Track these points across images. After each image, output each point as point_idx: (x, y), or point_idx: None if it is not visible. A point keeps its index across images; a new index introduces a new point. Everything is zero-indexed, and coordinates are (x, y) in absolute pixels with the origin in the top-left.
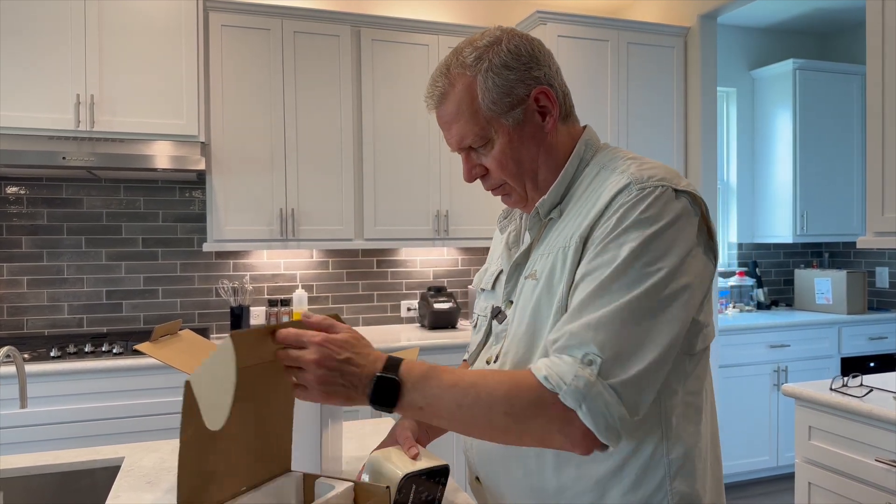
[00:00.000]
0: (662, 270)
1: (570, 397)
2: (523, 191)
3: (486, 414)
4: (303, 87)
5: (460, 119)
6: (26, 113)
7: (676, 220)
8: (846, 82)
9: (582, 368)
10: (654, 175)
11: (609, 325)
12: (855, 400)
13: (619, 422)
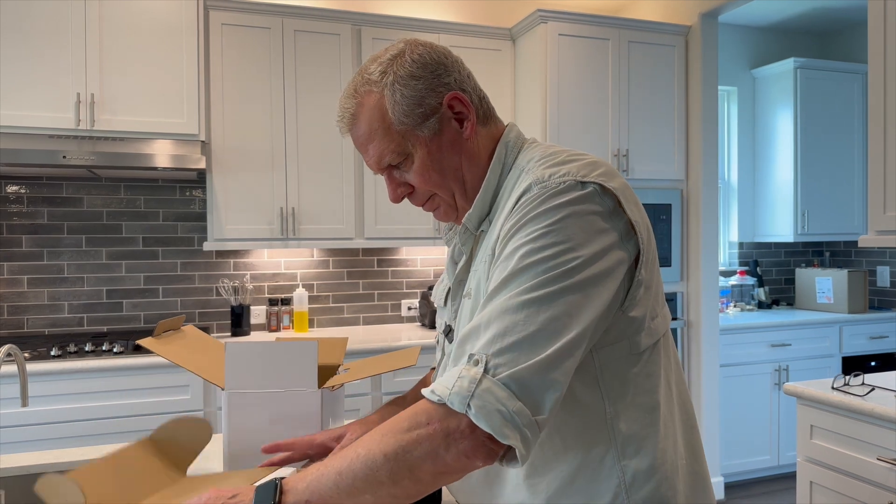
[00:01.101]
0: (555, 261)
1: (455, 400)
2: (452, 200)
3: (367, 467)
4: (303, 86)
5: (374, 138)
6: (27, 112)
7: (573, 213)
8: (847, 81)
9: (467, 370)
10: (556, 172)
11: (496, 323)
12: (857, 399)
13: (519, 418)
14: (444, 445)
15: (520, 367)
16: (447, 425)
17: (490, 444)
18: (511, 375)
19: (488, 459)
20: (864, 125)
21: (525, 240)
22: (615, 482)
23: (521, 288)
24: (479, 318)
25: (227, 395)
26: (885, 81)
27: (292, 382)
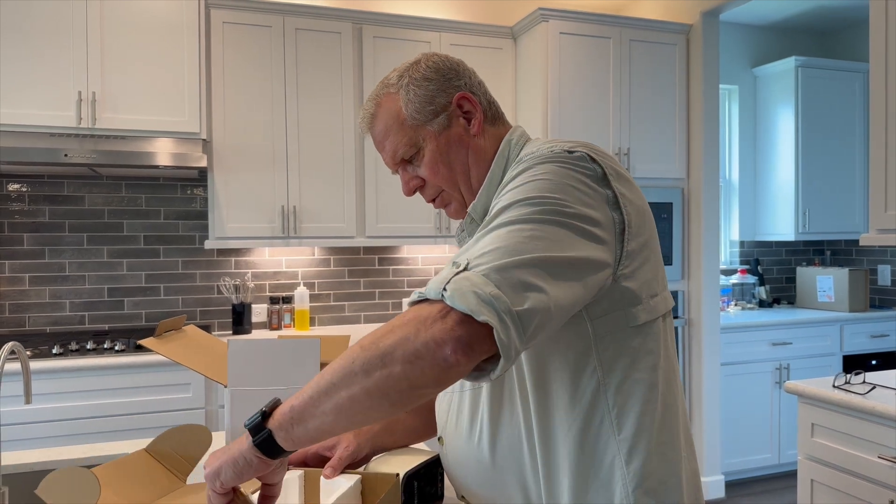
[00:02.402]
0: (543, 200)
1: (432, 289)
2: (459, 195)
3: (343, 361)
4: (304, 84)
5: (390, 133)
6: (28, 110)
7: (561, 169)
8: (848, 80)
9: (450, 272)
10: (552, 147)
11: (481, 242)
12: (857, 397)
13: (497, 302)
14: (415, 332)
15: (497, 263)
16: (420, 312)
17: (462, 329)
18: (490, 267)
19: (459, 349)
20: (866, 124)
21: (513, 188)
22: (612, 453)
23: (505, 219)
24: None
25: (229, 393)
26: (887, 80)
27: (295, 380)
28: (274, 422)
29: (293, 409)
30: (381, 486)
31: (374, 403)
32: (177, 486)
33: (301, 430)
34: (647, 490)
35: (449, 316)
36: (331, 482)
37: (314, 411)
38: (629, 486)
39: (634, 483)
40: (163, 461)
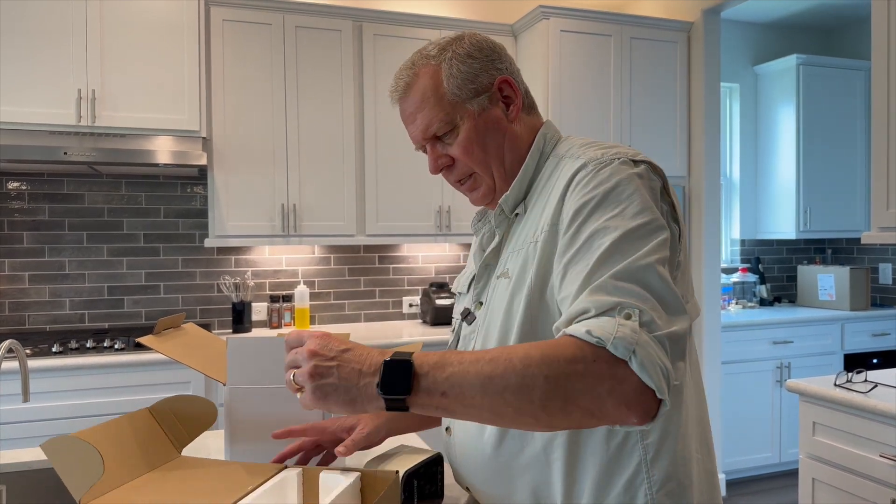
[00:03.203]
0: (653, 228)
1: (620, 345)
2: (491, 180)
3: (523, 381)
4: (304, 82)
5: (425, 106)
6: (27, 108)
7: (644, 184)
8: (850, 78)
9: (623, 320)
10: (607, 152)
11: (625, 286)
12: (859, 395)
13: (669, 376)
14: (608, 389)
15: (671, 329)
16: (614, 370)
17: (646, 399)
18: (666, 335)
19: (643, 415)
20: (867, 122)
21: (614, 213)
22: (637, 459)
23: (636, 254)
24: (598, 280)
25: (228, 391)
26: (889, 77)
27: None
28: (422, 387)
29: (449, 384)
30: (380, 484)
31: (530, 425)
32: (171, 457)
33: (438, 404)
34: (668, 492)
35: (633, 380)
36: (329, 480)
37: (466, 399)
38: (653, 489)
39: (657, 486)
40: (163, 425)
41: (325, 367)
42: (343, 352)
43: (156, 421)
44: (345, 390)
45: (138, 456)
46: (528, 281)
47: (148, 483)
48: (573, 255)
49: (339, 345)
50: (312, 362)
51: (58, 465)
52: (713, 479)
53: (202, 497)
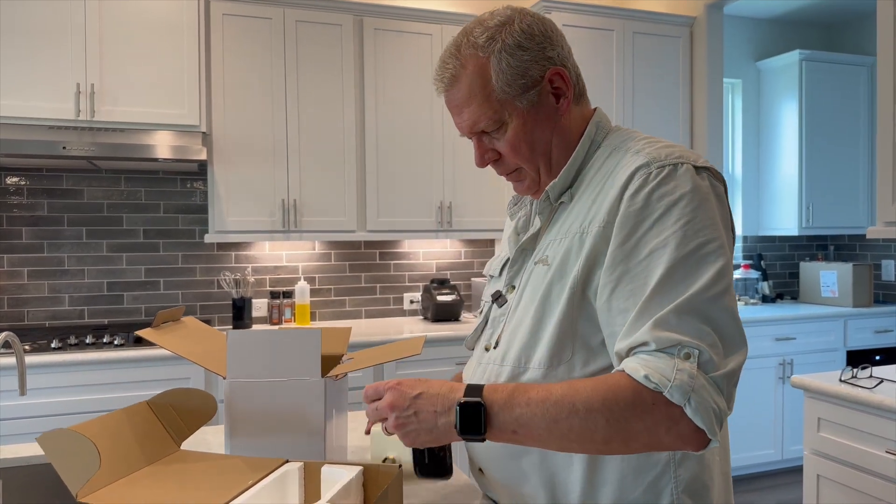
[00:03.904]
0: (715, 252)
1: (676, 392)
2: (536, 175)
3: (586, 425)
4: (305, 77)
5: (472, 102)
6: (26, 102)
7: (709, 197)
8: (853, 73)
9: (681, 362)
10: (671, 153)
11: (688, 321)
12: (865, 391)
13: (722, 415)
14: (666, 428)
15: (728, 368)
16: (670, 413)
17: (699, 436)
18: (722, 375)
19: (698, 447)
20: (870, 118)
21: (678, 228)
22: (665, 458)
23: (700, 284)
24: (658, 310)
25: (228, 384)
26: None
27: (295, 371)
28: (494, 425)
29: (518, 424)
30: (383, 478)
31: (594, 452)
32: (170, 451)
33: (510, 439)
34: (691, 493)
35: (687, 421)
36: (331, 474)
37: (534, 438)
38: (678, 489)
39: (682, 486)
40: (162, 418)
41: (405, 416)
42: (416, 398)
43: (154, 414)
44: (427, 431)
45: (136, 450)
46: (574, 273)
47: (146, 477)
48: (629, 270)
49: (412, 390)
50: (394, 415)
51: (54, 459)
52: (728, 480)
53: (202, 491)
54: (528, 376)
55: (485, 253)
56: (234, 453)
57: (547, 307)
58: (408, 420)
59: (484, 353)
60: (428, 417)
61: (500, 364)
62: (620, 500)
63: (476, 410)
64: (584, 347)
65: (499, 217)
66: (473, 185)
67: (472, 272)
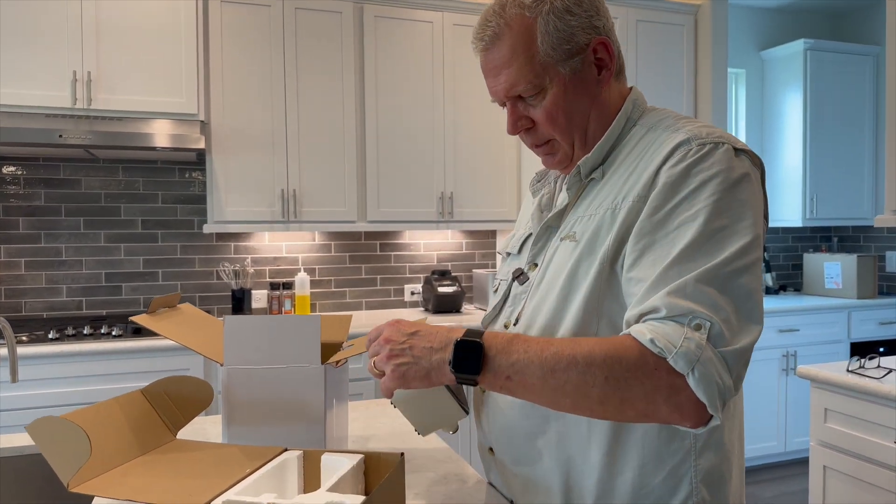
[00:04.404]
0: (744, 231)
1: (681, 360)
2: (570, 148)
3: (583, 379)
4: (304, 65)
5: (513, 63)
6: (22, 90)
7: (745, 178)
8: (858, 63)
9: (691, 332)
10: (712, 133)
11: (704, 291)
12: (873, 381)
13: (727, 393)
14: (664, 396)
15: (739, 345)
16: (672, 380)
17: (699, 410)
18: (732, 352)
19: (695, 424)
20: (875, 108)
21: (710, 203)
22: (687, 445)
23: (723, 257)
24: (676, 279)
25: (225, 371)
26: None
27: (294, 358)
28: (489, 368)
29: (514, 370)
30: (384, 466)
31: (584, 413)
32: (166, 440)
33: (503, 385)
34: (709, 483)
35: (689, 392)
36: (332, 462)
37: (528, 386)
38: (697, 478)
39: (701, 476)
40: (156, 407)
41: (399, 349)
42: (412, 335)
43: (149, 403)
44: (418, 367)
45: (130, 439)
46: (604, 249)
47: (141, 466)
48: (655, 241)
49: (409, 328)
50: (387, 347)
51: (44, 448)
52: (742, 474)
53: (198, 480)
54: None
55: (486, 244)
56: (232, 442)
57: (574, 283)
58: (401, 352)
59: (503, 331)
60: (422, 353)
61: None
62: (640, 486)
63: (473, 349)
64: (608, 325)
65: (501, 208)
66: (475, 175)
67: (474, 263)
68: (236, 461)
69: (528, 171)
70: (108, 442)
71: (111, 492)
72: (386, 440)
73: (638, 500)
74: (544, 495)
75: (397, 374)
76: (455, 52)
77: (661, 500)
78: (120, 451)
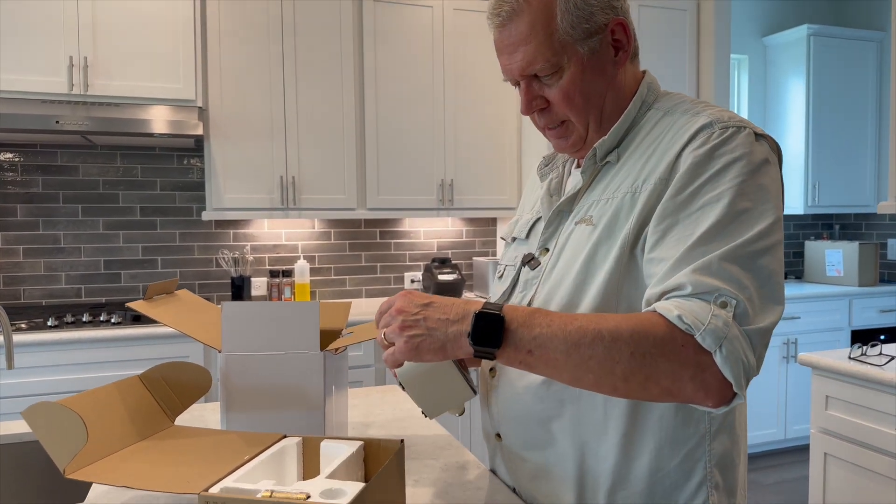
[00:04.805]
0: (766, 214)
1: (708, 337)
2: (584, 130)
3: (609, 354)
4: (303, 51)
5: (531, 41)
6: (17, 76)
7: (766, 163)
8: (862, 49)
9: (717, 309)
10: (733, 117)
11: (729, 269)
12: (875, 368)
13: (751, 371)
14: (690, 374)
15: (764, 324)
16: (699, 358)
17: (724, 389)
18: (757, 331)
19: (718, 403)
20: (879, 94)
21: (734, 185)
22: (702, 429)
23: (747, 236)
24: (700, 257)
25: (224, 358)
26: None
27: (293, 344)
28: (510, 342)
29: (536, 343)
30: (384, 453)
31: (606, 392)
32: (164, 426)
33: (523, 360)
34: (722, 468)
35: (715, 370)
36: (331, 449)
37: (550, 361)
38: (711, 462)
39: (715, 460)
40: (154, 393)
41: (412, 320)
42: (426, 306)
43: (146, 389)
44: (433, 338)
45: (128, 425)
46: (624, 233)
47: (138, 452)
48: (679, 220)
49: (422, 299)
50: (400, 318)
51: (40, 434)
52: (746, 459)
53: (196, 466)
54: None
55: (487, 232)
56: (231, 429)
57: (591, 268)
58: (415, 323)
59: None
60: (437, 325)
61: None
62: (656, 469)
63: (494, 322)
64: (629, 310)
65: (501, 195)
66: (475, 162)
67: (474, 251)
68: (235, 447)
69: (530, 158)
70: (105, 428)
71: (108, 478)
72: (386, 427)
73: (653, 484)
74: (557, 481)
75: (410, 346)
76: (455, 38)
77: (677, 484)
78: (117, 437)
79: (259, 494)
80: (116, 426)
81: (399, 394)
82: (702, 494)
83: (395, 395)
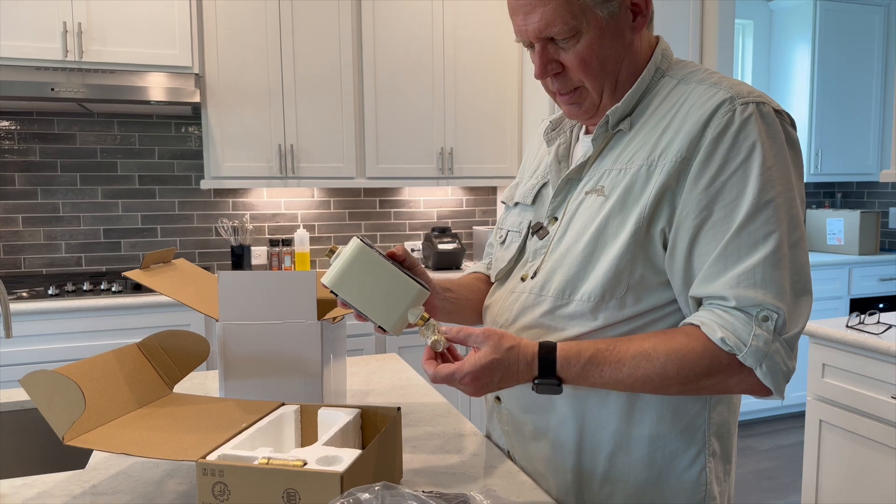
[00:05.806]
0: (793, 200)
1: (750, 357)
2: (598, 97)
3: (659, 389)
4: (300, 15)
5: (551, 2)
6: (10, 42)
7: (788, 141)
8: (868, 15)
9: (759, 326)
10: (751, 91)
11: (772, 276)
12: (872, 337)
13: (790, 374)
14: (736, 381)
15: (799, 328)
16: (742, 371)
17: (765, 390)
18: (793, 336)
19: (762, 396)
20: (885, 62)
21: (760, 175)
22: (703, 398)
23: (780, 236)
24: (739, 263)
25: (221, 326)
26: None
27: (291, 314)
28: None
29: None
30: (381, 420)
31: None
32: (162, 394)
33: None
34: (719, 436)
35: (756, 380)
36: (328, 416)
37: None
38: (710, 431)
39: (713, 429)
40: (152, 360)
41: (487, 382)
42: (498, 384)
43: (145, 356)
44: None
45: (126, 392)
46: (640, 208)
47: (137, 419)
48: (712, 213)
49: (492, 378)
50: (476, 385)
51: (38, 402)
52: (736, 430)
53: (194, 434)
54: (572, 309)
55: (487, 201)
56: (229, 395)
57: (602, 240)
58: (488, 385)
59: (519, 283)
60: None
61: (537, 294)
62: (656, 436)
63: (552, 387)
64: (639, 285)
65: (502, 164)
66: (475, 130)
67: (474, 220)
68: (233, 415)
69: (530, 127)
70: (103, 395)
71: (107, 445)
72: (384, 395)
73: (654, 451)
74: (557, 444)
75: (477, 394)
76: (455, 3)
77: (677, 451)
78: (116, 404)
79: (256, 461)
80: (115, 394)
81: (399, 362)
82: (700, 461)
83: (394, 363)
